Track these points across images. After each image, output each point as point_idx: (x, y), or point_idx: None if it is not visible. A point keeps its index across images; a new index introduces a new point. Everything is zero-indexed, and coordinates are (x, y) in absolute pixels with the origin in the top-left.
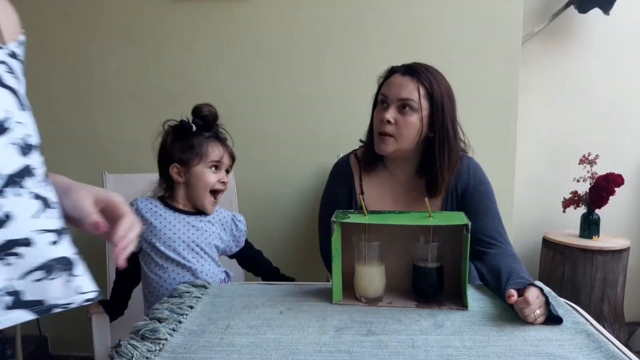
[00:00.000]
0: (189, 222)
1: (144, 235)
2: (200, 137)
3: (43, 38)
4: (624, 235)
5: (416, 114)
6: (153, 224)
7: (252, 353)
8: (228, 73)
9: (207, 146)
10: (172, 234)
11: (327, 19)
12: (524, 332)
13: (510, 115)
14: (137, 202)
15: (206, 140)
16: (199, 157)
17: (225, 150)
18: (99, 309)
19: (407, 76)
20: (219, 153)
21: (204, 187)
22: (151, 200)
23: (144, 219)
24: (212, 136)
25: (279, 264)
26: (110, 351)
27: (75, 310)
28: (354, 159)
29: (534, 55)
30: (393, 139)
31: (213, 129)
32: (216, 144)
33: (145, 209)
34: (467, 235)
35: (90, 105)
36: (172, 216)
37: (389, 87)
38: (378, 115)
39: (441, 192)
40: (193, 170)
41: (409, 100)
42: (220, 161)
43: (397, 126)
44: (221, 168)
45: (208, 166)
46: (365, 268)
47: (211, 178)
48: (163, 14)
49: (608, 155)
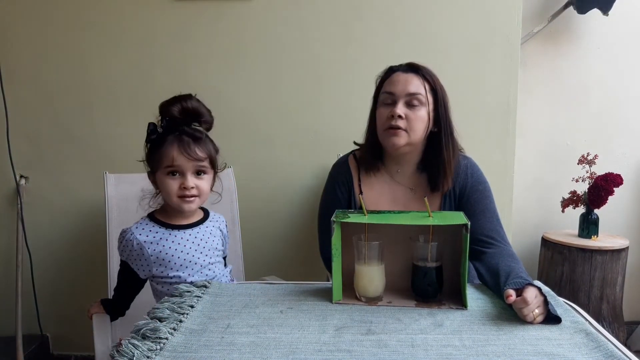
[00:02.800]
0: (189, 239)
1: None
2: (161, 140)
3: (43, 38)
4: (623, 235)
5: (424, 108)
6: (160, 257)
7: (252, 352)
8: (228, 73)
9: (162, 150)
10: (185, 255)
11: (327, 19)
12: (523, 331)
13: (509, 115)
14: (134, 236)
15: (165, 144)
16: (157, 163)
17: (183, 152)
18: (100, 309)
19: (411, 72)
20: (171, 156)
21: (167, 195)
22: (144, 224)
23: (150, 252)
24: (174, 137)
25: (279, 264)
26: (111, 350)
27: (76, 310)
28: (352, 159)
29: (533, 55)
30: (405, 132)
31: (180, 129)
32: (172, 146)
33: (147, 240)
34: (466, 235)
35: (90, 105)
36: (177, 236)
37: (394, 84)
38: (384, 112)
39: (444, 187)
40: (157, 177)
41: (417, 95)
42: (174, 165)
43: (408, 120)
44: (183, 172)
45: (165, 173)
46: (365, 268)
47: (170, 186)
48: (163, 14)
49: (607, 155)
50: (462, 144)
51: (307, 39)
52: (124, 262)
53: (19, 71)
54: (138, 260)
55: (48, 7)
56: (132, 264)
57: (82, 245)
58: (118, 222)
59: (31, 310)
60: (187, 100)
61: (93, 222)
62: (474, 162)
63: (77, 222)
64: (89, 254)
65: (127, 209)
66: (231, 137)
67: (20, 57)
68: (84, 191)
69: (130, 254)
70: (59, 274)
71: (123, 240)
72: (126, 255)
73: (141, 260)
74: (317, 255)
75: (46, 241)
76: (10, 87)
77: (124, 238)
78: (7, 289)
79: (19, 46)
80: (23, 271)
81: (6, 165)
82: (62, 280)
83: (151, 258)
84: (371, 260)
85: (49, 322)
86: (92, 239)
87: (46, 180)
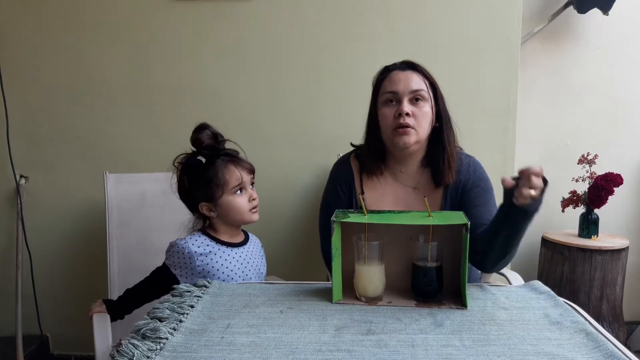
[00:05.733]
0: (240, 255)
1: (197, 277)
2: (212, 167)
3: (43, 38)
4: (623, 234)
5: (427, 104)
6: (206, 269)
7: (252, 352)
8: (228, 73)
9: (222, 174)
10: (229, 271)
11: (327, 19)
12: (523, 331)
13: (509, 115)
14: (187, 245)
15: (220, 168)
16: (221, 188)
17: (242, 169)
18: (102, 308)
19: (409, 70)
20: (237, 175)
21: (238, 213)
22: (197, 237)
23: (198, 263)
24: (224, 160)
25: (279, 264)
26: (111, 350)
27: (76, 310)
28: (354, 159)
29: (533, 55)
30: (413, 129)
31: (221, 152)
32: (230, 167)
33: (199, 251)
34: (466, 235)
35: (90, 105)
36: (226, 253)
37: (395, 83)
38: (389, 112)
39: (448, 179)
40: (220, 202)
41: (420, 91)
42: (241, 182)
43: (415, 117)
44: (246, 187)
45: (232, 193)
46: (365, 267)
47: (241, 203)
48: (163, 14)
49: (607, 155)
50: (462, 143)
51: (307, 39)
52: (166, 266)
53: (19, 71)
54: (184, 269)
55: (48, 7)
56: (175, 270)
57: (82, 245)
58: (118, 222)
59: (31, 310)
60: (207, 127)
61: (93, 222)
62: (477, 161)
63: (77, 222)
64: (89, 254)
65: (127, 209)
66: (230, 137)
67: (20, 57)
68: (84, 191)
69: (177, 262)
70: (59, 274)
71: (174, 247)
72: (172, 262)
73: (187, 270)
74: (317, 255)
75: (46, 241)
76: (10, 87)
77: (175, 245)
78: (7, 289)
79: (19, 46)
80: (23, 271)
81: (6, 165)
82: (62, 280)
83: (197, 269)
84: (371, 260)
85: (49, 322)
86: (92, 239)
87: (46, 180)
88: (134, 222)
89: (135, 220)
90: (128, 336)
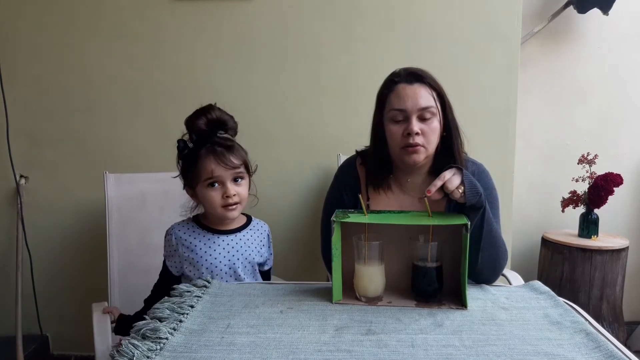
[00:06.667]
0: (228, 243)
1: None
2: (195, 154)
3: (43, 38)
4: (623, 234)
5: (436, 118)
6: (190, 256)
7: (252, 352)
8: (228, 73)
9: (200, 164)
10: (212, 259)
11: (327, 19)
12: (523, 331)
13: (509, 115)
14: (174, 231)
15: (201, 157)
16: (196, 178)
17: (220, 163)
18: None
19: (416, 83)
20: (210, 169)
21: (210, 206)
22: (186, 224)
23: (183, 249)
24: (207, 150)
25: (279, 264)
26: (111, 350)
27: (76, 310)
28: (360, 166)
29: (533, 55)
30: (423, 147)
31: (211, 141)
32: (208, 159)
33: (183, 237)
34: (466, 235)
35: (90, 105)
36: (211, 240)
37: (403, 99)
38: (397, 129)
39: None
40: (197, 191)
41: (430, 108)
42: (213, 177)
43: (424, 135)
44: (222, 182)
45: (205, 185)
46: (365, 268)
47: (214, 197)
48: (163, 14)
49: (607, 155)
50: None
51: (308, 39)
52: (164, 261)
53: (19, 71)
54: (172, 257)
55: (48, 7)
56: (167, 260)
57: (82, 245)
58: (118, 222)
59: (31, 310)
60: (210, 111)
61: (93, 222)
62: (484, 169)
63: (77, 222)
64: (89, 254)
65: (127, 209)
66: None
67: (20, 57)
68: (84, 191)
69: (168, 249)
70: (59, 274)
71: (167, 234)
72: (166, 251)
73: (175, 257)
74: (317, 255)
75: (46, 241)
76: (10, 87)
77: (167, 233)
78: (7, 289)
79: (19, 46)
80: (23, 271)
81: (6, 165)
82: (62, 280)
83: (184, 255)
84: (371, 260)
85: (49, 322)
86: (92, 239)
87: (46, 180)
88: (134, 222)
89: (135, 220)
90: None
